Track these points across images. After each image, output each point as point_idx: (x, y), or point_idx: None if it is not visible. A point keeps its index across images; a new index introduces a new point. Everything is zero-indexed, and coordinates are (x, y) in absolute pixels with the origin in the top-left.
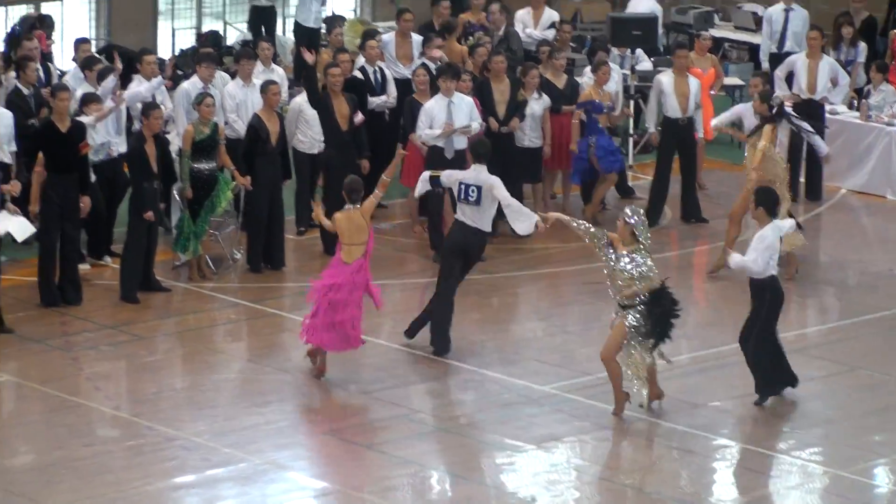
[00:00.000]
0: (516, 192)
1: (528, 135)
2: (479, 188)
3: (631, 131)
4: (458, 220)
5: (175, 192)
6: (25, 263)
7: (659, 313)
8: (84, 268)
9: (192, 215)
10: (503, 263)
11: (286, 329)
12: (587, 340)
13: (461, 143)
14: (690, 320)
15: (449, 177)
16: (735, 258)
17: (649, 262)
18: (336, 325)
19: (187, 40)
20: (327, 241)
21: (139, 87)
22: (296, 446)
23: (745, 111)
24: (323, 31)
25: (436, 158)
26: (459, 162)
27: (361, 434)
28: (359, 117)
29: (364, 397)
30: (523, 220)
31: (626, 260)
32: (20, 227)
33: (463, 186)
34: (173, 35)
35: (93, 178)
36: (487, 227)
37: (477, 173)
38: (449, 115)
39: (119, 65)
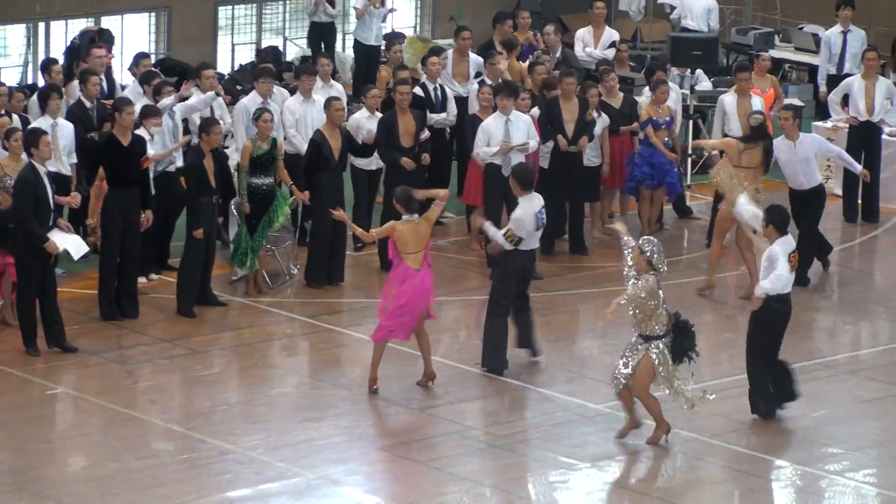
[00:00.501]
0: (577, 210)
1: (588, 154)
2: (543, 208)
3: (690, 151)
4: (524, 250)
5: (233, 206)
6: (83, 276)
7: (683, 345)
8: (141, 281)
9: (250, 230)
10: (562, 281)
11: (342, 344)
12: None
13: (518, 159)
14: (741, 341)
15: (520, 222)
16: (759, 290)
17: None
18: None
19: (247, 56)
20: (385, 258)
21: (192, 100)
22: (350, 461)
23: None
24: (382, 48)
25: (493, 176)
26: None
27: (415, 450)
28: (425, 134)
29: (419, 413)
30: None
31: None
32: (76, 246)
33: (538, 215)
34: (233, 50)
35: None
36: None
37: (537, 199)
38: (506, 132)
39: (186, 91)
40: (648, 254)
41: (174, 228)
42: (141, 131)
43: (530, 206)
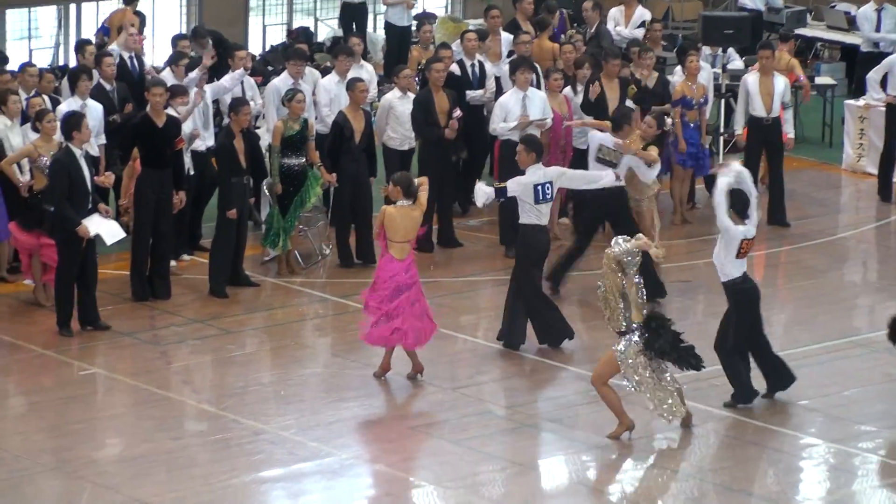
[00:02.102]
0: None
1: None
2: (551, 183)
3: (721, 130)
4: (535, 224)
5: (265, 187)
6: (115, 258)
7: (662, 345)
8: (173, 263)
9: (282, 211)
10: (598, 261)
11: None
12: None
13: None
14: (777, 319)
15: (518, 184)
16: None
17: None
18: (415, 321)
19: (278, 36)
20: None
21: (222, 80)
22: (382, 441)
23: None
24: (413, 28)
25: (510, 152)
26: None
27: (448, 430)
28: (457, 113)
29: (451, 393)
30: (597, 179)
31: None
32: (110, 231)
33: (539, 188)
34: (264, 31)
35: (191, 171)
36: None
37: (542, 171)
38: (524, 108)
39: (208, 60)
40: (619, 254)
41: (204, 210)
42: (168, 111)
43: (533, 176)
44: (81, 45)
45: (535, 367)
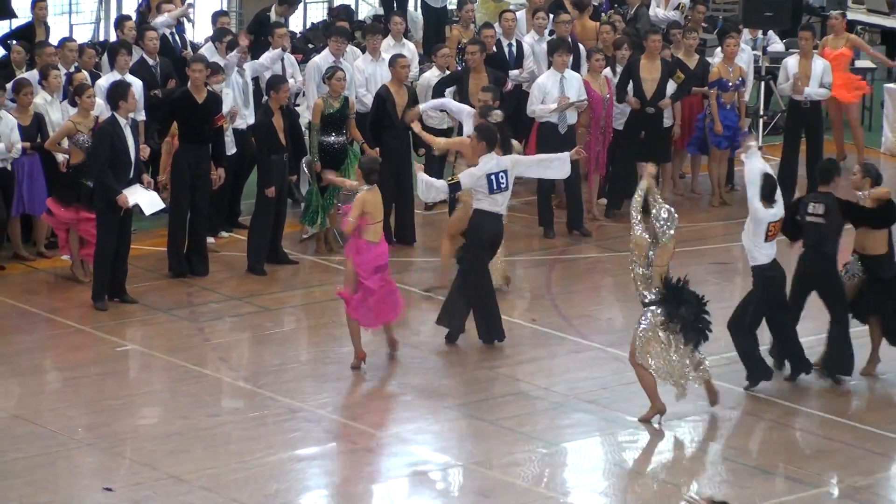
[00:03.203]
0: None
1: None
2: (506, 172)
3: (760, 113)
4: (487, 210)
5: (304, 165)
6: (153, 234)
7: (685, 313)
8: (211, 240)
9: (321, 188)
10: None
11: (411, 304)
12: (714, 320)
13: (573, 118)
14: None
15: (471, 176)
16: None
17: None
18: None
19: (319, 14)
20: None
21: (261, 58)
22: (419, 420)
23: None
24: (451, 6)
25: (547, 134)
26: (571, 137)
27: (485, 409)
28: (507, 86)
29: (488, 372)
30: (556, 165)
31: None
32: (150, 201)
33: (493, 178)
34: (305, 9)
35: (232, 150)
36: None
37: (495, 161)
38: (561, 89)
39: (244, 40)
40: (657, 224)
41: (244, 188)
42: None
43: (486, 166)
44: (121, 20)
45: (573, 347)
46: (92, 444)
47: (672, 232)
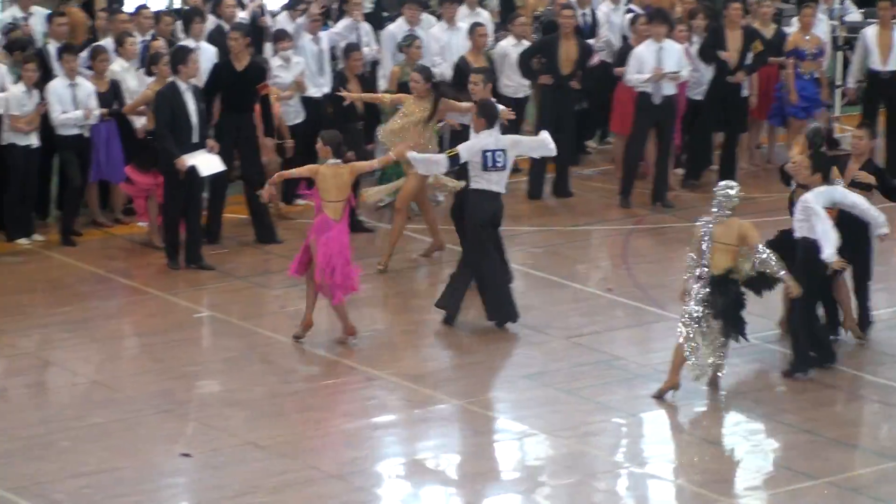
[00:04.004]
0: (732, 141)
1: None
2: (503, 151)
3: (838, 82)
4: (483, 189)
5: (379, 133)
6: (229, 201)
7: (723, 304)
8: (283, 205)
9: None
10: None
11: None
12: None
13: (669, 89)
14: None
15: (468, 149)
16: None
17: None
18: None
19: None
20: (534, 185)
21: (336, 27)
22: (496, 389)
23: None
24: None
25: (644, 104)
26: (667, 108)
27: (562, 379)
28: (594, 60)
29: (565, 342)
30: (540, 147)
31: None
32: (208, 164)
33: (489, 154)
34: None
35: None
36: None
37: (493, 138)
38: (658, 60)
39: (316, 8)
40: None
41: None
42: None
43: (484, 140)
44: None
45: (651, 318)
46: (169, 411)
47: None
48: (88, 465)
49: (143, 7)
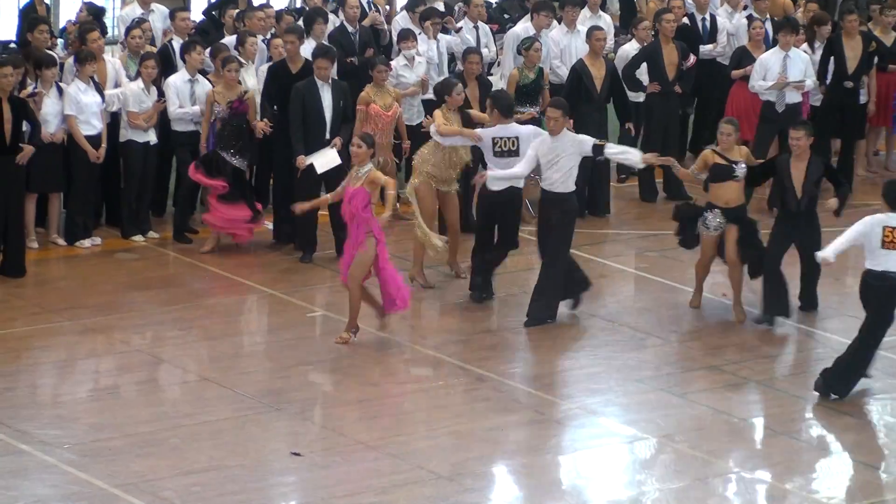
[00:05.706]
0: (849, 148)
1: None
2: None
3: None
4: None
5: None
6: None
7: None
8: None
9: None
10: (828, 217)
11: (602, 275)
12: None
13: (794, 97)
14: None
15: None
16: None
17: None
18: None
19: None
20: (644, 188)
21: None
22: (607, 392)
23: None
24: None
25: (767, 112)
26: (791, 116)
27: (672, 383)
28: (690, 60)
29: (676, 346)
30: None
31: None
32: (325, 160)
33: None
34: None
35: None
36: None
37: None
38: (784, 68)
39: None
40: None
41: None
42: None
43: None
44: None
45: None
46: (280, 409)
47: None
48: (198, 463)
49: (265, 6)
